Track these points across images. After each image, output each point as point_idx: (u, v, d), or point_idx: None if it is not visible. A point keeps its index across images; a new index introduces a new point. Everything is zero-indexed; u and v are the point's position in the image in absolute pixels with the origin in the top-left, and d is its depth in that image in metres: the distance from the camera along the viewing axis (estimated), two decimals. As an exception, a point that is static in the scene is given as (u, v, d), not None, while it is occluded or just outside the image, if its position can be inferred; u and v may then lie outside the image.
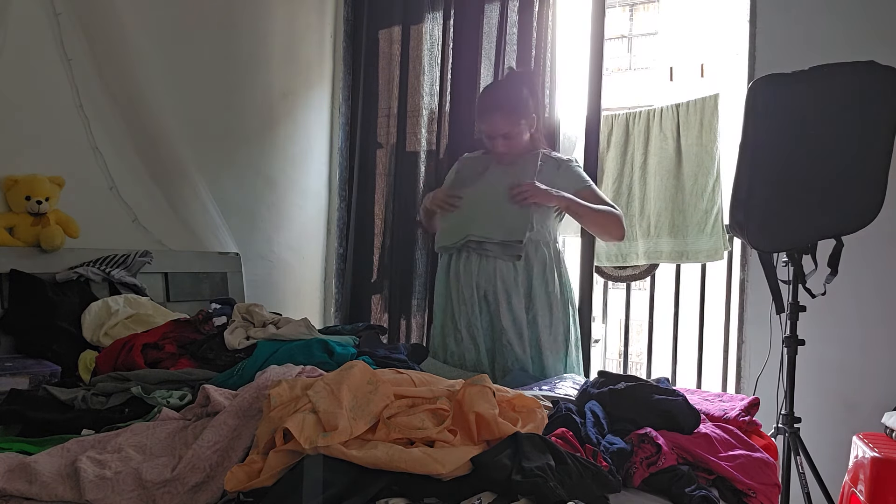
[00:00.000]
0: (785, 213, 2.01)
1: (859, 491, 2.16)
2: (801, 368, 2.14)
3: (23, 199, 2.26)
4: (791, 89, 1.98)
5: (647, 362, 3.32)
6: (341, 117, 3.43)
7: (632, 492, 1.36)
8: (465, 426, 1.31)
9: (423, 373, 1.60)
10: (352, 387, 1.34)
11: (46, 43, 2.37)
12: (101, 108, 2.50)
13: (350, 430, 1.24)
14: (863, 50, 2.07)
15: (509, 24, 2.89)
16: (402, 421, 1.30)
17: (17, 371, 1.88)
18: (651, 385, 1.63)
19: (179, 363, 1.88)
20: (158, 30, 2.65)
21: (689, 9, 8.72)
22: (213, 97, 2.89)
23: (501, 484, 1.18)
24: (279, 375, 1.53)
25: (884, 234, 2.23)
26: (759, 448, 1.60)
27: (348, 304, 3.31)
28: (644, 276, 3.24)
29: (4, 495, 1.23)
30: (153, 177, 2.66)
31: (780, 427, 2.14)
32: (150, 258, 2.52)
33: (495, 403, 1.35)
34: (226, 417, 1.37)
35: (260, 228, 3.13)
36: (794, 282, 2.12)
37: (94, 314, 2.18)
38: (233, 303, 2.33)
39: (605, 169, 3.18)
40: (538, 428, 1.37)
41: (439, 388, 1.45)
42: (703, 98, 2.97)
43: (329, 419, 1.23)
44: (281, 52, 3.19)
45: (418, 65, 3.14)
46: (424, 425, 1.29)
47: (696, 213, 2.95)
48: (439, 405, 1.37)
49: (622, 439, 1.45)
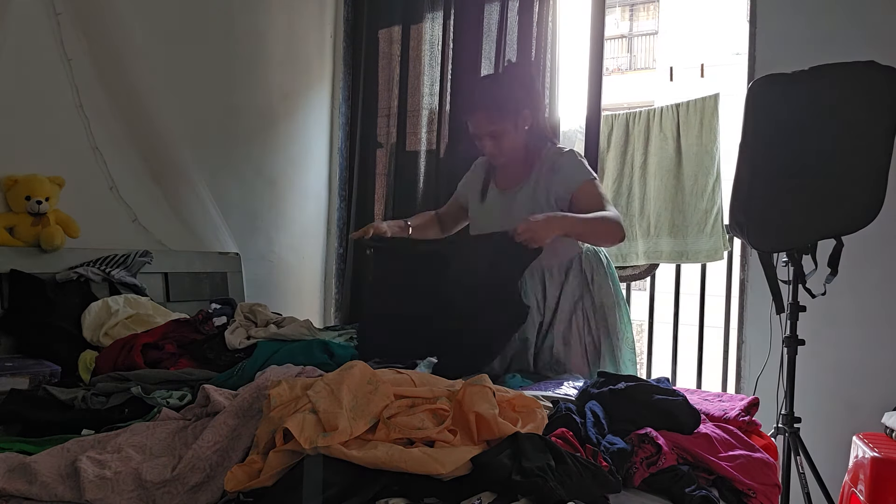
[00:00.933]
0: (785, 214, 2.01)
1: (859, 491, 2.16)
2: (801, 368, 2.13)
3: (23, 199, 2.26)
4: (791, 89, 1.98)
5: (647, 362, 3.32)
6: (341, 117, 3.43)
7: (632, 492, 1.36)
8: (465, 426, 1.31)
9: (423, 373, 1.60)
10: (352, 387, 1.34)
11: (46, 43, 2.37)
12: (101, 108, 2.50)
13: (350, 430, 1.24)
14: (863, 50, 2.07)
15: (509, 23, 2.89)
16: (402, 421, 1.30)
17: (17, 371, 1.88)
18: (651, 385, 1.63)
19: (179, 363, 1.88)
20: (158, 30, 2.65)
21: (689, 9, 8.73)
22: (213, 97, 2.89)
23: (501, 484, 1.17)
24: (279, 375, 1.53)
25: (884, 234, 2.23)
26: (759, 448, 1.60)
27: (348, 304, 3.32)
28: (644, 276, 3.24)
29: (4, 495, 1.23)
30: (153, 177, 2.67)
31: (780, 427, 2.14)
32: (150, 258, 2.52)
33: (495, 403, 1.35)
34: (226, 417, 1.37)
35: (260, 228, 3.14)
36: (794, 282, 2.12)
37: (94, 314, 2.18)
38: (233, 303, 2.33)
39: (605, 169, 3.18)
40: (538, 428, 1.37)
41: (439, 388, 1.45)
42: (703, 98, 2.97)
43: (329, 419, 1.23)
44: (281, 52, 3.19)
45: (418, 64, 3.14)
46: (424, 425, 1.29)
47: (696, 213, 2.95)
48: (439, 405, 1.37)
49: (622, 439, 1.45)
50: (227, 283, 2.81)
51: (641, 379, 1.69)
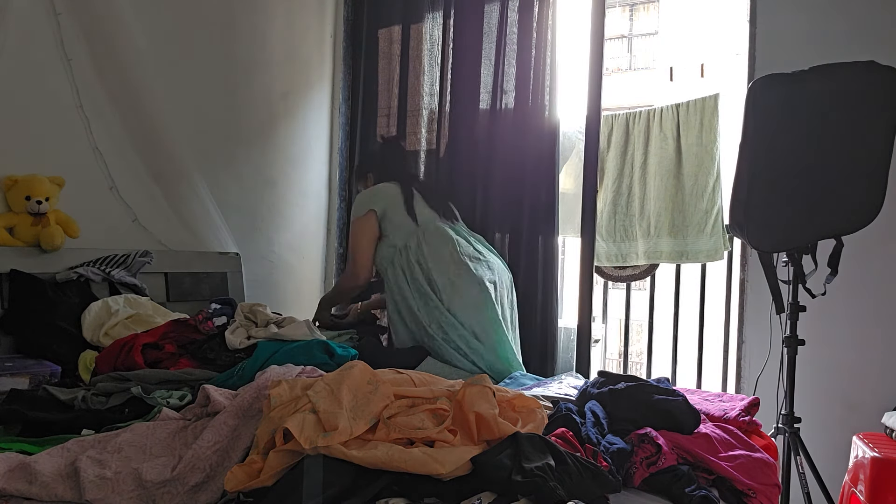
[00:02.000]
0: (785, 213, 2.01)
1: (859, 491, 2.16)
2: (801, 368, 2.13)
3: (23, 199, 2.25)
4: (791, 89, 1.98)
5: (647, 362, 3.32)
6: (341, 117, 3.43)
7: (632, 492, 1.36)
8: (466, 426, 1.31)
9: (422, 373, 1.60)
10: (352, 387, 1.34)
11: (46, 43, 2.37)
12: (101, 108, 2.50)
13: (350, 430, 1.24)
14: (863, 50, 2.07)
15: (509, 23, 2.89)
16: (401, 421, 1.30)
17: (17, 371, 1.88)
18: (651, 385, 1.63)
19: (179, 363, 1.88)
20: (158, 30, 2.65)
21: (689, 9, 8.72)
22: (213, 97, 2.89)
23: (501, 484, 1.18)
24: (279, 376, 1.53)
25: (884, 234, 2.23)
26: (759, 448, 1.60)
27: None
28: (644, 276, 3.24)
29: (4, 495, 1.23)
30: (153, 177, 2.66)
31: (780, 427, 2.14)
32: (150, 258, 2.52)
33: (495, 403, 1.35)
34: (226, 418, 1.37)
35: (260, 228, 3.13)
36: (794, 282, 2.12)
37: (94, 314, 2.18)
38: (233, 303, 2.33)
39: (605, 169, 3.18)
40: (538, 428, 1.37)
41: (439, 388, 1.45)
42: (703, 98, 2.97)
43: (329, 419, 1.23)
44: (281, 52, 3.19)
45: (418, 64, 3.14)
46: (424, 425, 1.29)
47: (696, 213, 2.95)
48: (439, 405, 1.37)
49: (622, 439, 1.45)
50: (227, 283, 2.81)
51: (641, 379, 1.69)
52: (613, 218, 3.18)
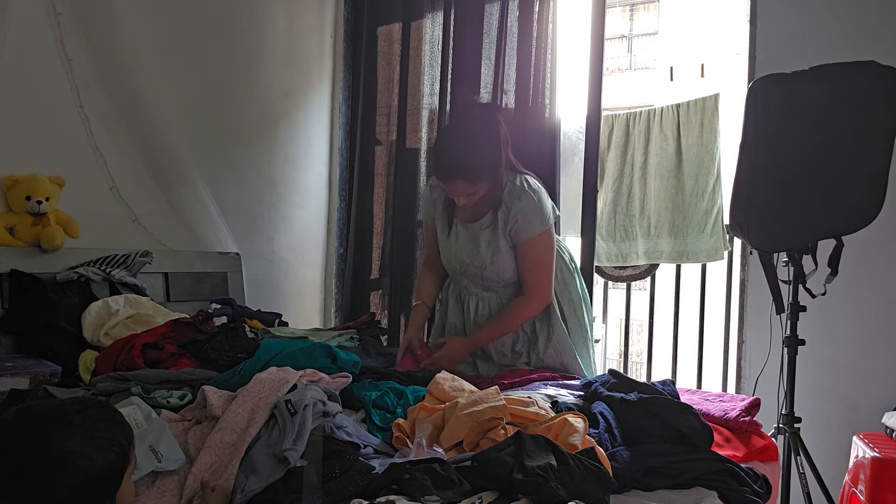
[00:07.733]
0: (785, 213, 2.01)
1: (859, 491, 2.17)
2: (801, 368, 2.13)
3: (23, 199, 2.26)
4: (791, 89, 1.98)
5: (648, 362, 3.32)
6: (341, 117, 3.43)
7: (632, 492, 1.37)
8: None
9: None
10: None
11: (46, 43, 2.37)
12: (101, 108, 2.50)
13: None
14: (863, 50, 2.06)
15: (509, 23, 2.89)
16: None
17: (17, 371, 1.88)
18: (664, 399, 1.59)
19: (179, 363, 1.88)
20: (158, 30, 2.65)
21: (689, 9, 8.71)
22: (213, 97, 2.89)
23: (502, 480, 1.18)
24: (277, 379, 1.52)
25: (884, 234, 2.23)
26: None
27: (348, 304, 3.31)
28: (644, 276, 3.24)
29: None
30: (153, 177, 2.66)
31: (781, 427, 2.13)
32: (150, 258, 2.52)
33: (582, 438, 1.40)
34: (222, 435, 1.37)
35: (260, 228, 3.13)
36: (794, 282, 2.12)
37: (95, 314, 2.18)
38: (233, 303, 2.33)
39: (605, 169, 3.18)
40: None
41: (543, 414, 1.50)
42: (703, 98, 2.97)
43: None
44: (281, 52, 3.19)
45: (418, 63, 3.14)
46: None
47: (696, 213, 2.95)
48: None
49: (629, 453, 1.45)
50: (227, 283, 2.81)
51: (654, 388, 1.66)
52: (613, 218, 3.18)
